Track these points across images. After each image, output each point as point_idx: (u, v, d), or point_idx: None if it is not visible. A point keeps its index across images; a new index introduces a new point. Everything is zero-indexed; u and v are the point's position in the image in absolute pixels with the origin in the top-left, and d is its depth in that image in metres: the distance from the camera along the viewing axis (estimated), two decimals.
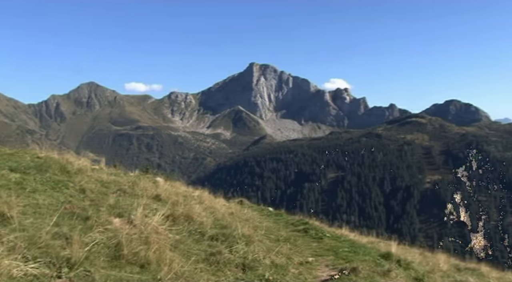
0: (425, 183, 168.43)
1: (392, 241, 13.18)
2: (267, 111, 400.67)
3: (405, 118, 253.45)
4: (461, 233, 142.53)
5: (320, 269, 7.57)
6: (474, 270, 11.03)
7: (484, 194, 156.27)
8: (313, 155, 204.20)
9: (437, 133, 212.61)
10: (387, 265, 7.71)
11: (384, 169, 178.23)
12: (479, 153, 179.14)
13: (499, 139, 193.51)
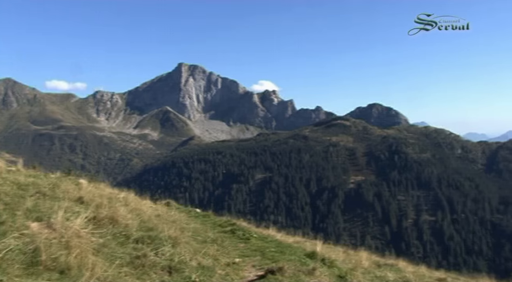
0: (349, 183, 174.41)
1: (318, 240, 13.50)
2: (195, 112, 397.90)
3: (330, 120, 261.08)
4: (382, 231, 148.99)
5: (247, 270, 7.61)
6: (393, 265, 11.55)
7: (403, 194, 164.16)
8: (241, 156, 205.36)
9: (361, 135, 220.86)
10: (312, 264, 7.89)
11: (310, 170, 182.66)
12: (398, 154, 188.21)
13: (416, 142, 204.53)
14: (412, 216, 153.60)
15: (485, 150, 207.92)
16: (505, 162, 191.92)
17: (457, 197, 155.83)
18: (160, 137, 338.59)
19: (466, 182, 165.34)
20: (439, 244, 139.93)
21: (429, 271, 12.75)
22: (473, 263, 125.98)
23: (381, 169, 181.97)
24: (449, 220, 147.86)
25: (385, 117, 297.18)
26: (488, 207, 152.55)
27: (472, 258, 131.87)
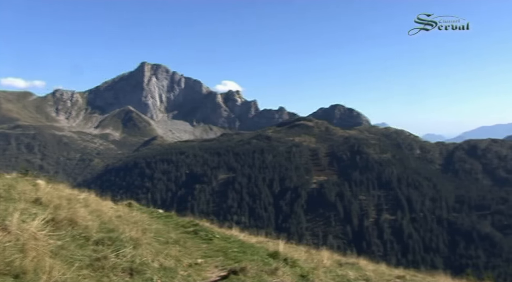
0: (311, 183, 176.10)
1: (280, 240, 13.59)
2: (158, 112, 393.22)
3: (293, 121, 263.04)
4: (344, 231, 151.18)
5: (209, 270, 7.58)
6: (354, 264, 11.75)
7: (364, 193, 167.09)
8: (205, 156, 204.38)
9: (323, 136, 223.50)
10: (275, 264, 7.94)
11: (273, 170, 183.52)
12: (360, 155, 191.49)
13: (377, 142, 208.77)
14: (373, 215, 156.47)
15: (442, 150, 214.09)
16: (460, 162, 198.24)
17: (416, 196, 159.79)
18: (122, 137, 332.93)
19: (424, 182, 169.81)
20: (398, 242, 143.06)
21: (389, 269, 13.02)
22: (430, 260, 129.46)
23: (343, 169, 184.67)
24: (408, 218, 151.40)
25: (347, 118, 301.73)
26: (445, 206, 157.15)
27: (429, 255, 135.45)
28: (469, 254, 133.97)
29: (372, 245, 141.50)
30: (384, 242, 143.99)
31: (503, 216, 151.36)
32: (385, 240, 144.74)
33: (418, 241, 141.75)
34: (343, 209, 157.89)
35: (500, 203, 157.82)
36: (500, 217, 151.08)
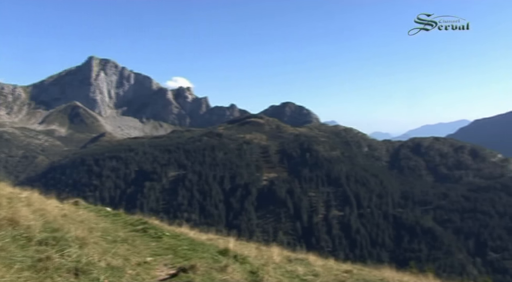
0: (262, 180, 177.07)
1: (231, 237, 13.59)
2: (107, 108, 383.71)
3: (244, 118, 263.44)
4: (294, 227, 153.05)
5: (158, 269, 7.48)
6: (303, 260, 11.91)
7: (313, 190, 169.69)
8: (155, 153, 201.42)
9: (274, 133, 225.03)
10: (225, 261, 7.94)
11: (224, 167, 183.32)
12: (310, 152, 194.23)
13: (326, 140, 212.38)
14: (322, 212, 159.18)
15: (388, 148, 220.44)
16: (405, 159, 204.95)
17: (363, 193, 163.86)
18: (68, 134, 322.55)
19: (371, 178, 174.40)
20: (346, 237, 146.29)
21: (337, 264, 13.27)
22: (377, 254, 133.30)
23: (293, 166, 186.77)
24: (356, 214, 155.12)
25: (297, 116, 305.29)
26: (391, 201, 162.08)
27: (376, 249, 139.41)
28: (413, 248, 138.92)
29: (321, 241, 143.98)
30: (333, 238, 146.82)
31: (444, 210, 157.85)
32: (334, 235, 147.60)
33: (365, 236, 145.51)
34: (293, 205, 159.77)
35: (442, 199, 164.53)
36: (441, 211, 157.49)
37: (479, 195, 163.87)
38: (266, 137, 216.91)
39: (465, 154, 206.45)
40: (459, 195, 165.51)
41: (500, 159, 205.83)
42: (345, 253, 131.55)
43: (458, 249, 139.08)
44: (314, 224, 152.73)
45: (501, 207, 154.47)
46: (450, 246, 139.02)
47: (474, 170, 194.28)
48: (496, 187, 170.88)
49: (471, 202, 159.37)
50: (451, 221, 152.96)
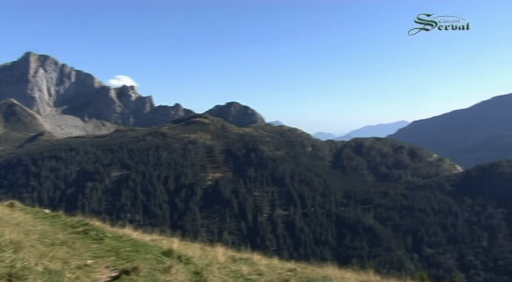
0: (207, 180, 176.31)
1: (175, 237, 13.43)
2: (46, 106, 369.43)
3: (189, 118, 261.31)
4: (239, 227, 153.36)
5: (100, 272, 7.28)
6: (248, 259, 11.94)
7: (258, 190, 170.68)
8: (97, 153, 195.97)
9: (219, 133, 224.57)
10: (168, 262, 7.83)
11: (168, 167, 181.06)
12: (255, 152, 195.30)
13: (271, 140, 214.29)
14: (267, 211, 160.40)
15: (332, 148, 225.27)
16: (348, 159, 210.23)
17: (307, 192, 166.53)
18: (3, 133, 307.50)
19: (315, 178, 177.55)
20: (291, 236, 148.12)
21: (281, 263, 13.41)
22: (320, 252, 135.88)
23: (238, 166, 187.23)
24: (300, 213, 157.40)
25: (242, 116, 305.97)
26: (334, 200, 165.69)
27: (319, 248, 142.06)
28: (355, 245, 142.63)
29: (266, 240, 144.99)
30: (278, 237, 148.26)
31: (383, 209, 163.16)
32: (278, 234, 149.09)
33: (309, 235, 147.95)
34: (238, 205, 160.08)
35: (382, 197, 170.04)
36: (381, 210, 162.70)
37: (416, 193, 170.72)
38: (211, 137, 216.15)
39: (404, 153, 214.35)
40: (398, 194, 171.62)
41: (435, 159, 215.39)
42: (290, 252, 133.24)
43: (397, 245, 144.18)
44: (259, 223, 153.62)
45: (436, 205, 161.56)
46: (389, 243, 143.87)
47: (412, 169, 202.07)
48: (431, 185, 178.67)
49: (409, 200, 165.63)
50: (390, 218, 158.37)
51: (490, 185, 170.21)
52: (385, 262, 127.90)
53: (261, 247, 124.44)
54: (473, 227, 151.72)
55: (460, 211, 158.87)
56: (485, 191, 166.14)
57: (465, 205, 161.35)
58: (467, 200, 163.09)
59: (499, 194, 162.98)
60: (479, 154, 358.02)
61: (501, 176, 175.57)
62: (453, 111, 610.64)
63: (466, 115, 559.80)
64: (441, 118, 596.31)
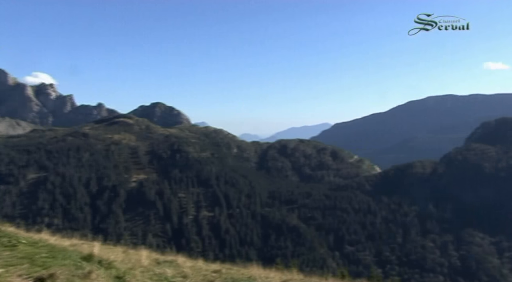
0: (131, 182, 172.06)
1: (96, 241, 12.98)
2: None
3: (113, 118, 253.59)
4: (164, 229, 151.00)
5: (12, 281, 6.84)
6: (172, 262, 11.79)
7: (183, 191, 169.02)
8: (11, 154, 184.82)
9: (144, 134, 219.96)
10: (88, 267, 7.52)
11: (90, 169, 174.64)
12: (180, 153, 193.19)
13: (196, 141, 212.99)
14: (192, 213, 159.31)
15: (257, 149, 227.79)
16: (273, 160, 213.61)
17: (233, 193, 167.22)
18: None
19: (241, 179, 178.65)
20: (216, 237, 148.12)
21: (206, 264, 13.36)
22: (245, 253, 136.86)
23: (163, 167, 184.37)
24: (226, 214, 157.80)
25: (168, 116, 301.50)
26: (259, 201, 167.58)
27: (245, 248, 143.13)
28: (279, 245, 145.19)
29: (191, 242, 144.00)
30: (203, 238, 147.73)
31: (307, 209, 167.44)
32: (204, 236, 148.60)
33: (235, 236, 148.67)
34: (162, 207, 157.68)
35: (305, 197, 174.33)
36: (305, 210, 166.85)
37: (338, 193, 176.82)
38: (135, 138, 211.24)
39: (326, 155, 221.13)
40: (321, 194, 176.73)
41: (356, 160, 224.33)
42: (215, 253, 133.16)
43: (320, 244, 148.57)
44: (184, 225, 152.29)
45: (356, 204, 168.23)
46: (313, 241, 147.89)
47: (334, 170, 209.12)
48: (352, 185, 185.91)
49: (331, 200, 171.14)
50: (314, 218, 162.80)
51: (405, 184, 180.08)
52: (308, 260, 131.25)
53: (186, 249, 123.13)
54: (390, 224, 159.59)
55: (378, 209, 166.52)
56: (401, 190, 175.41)
57: (383, 204, 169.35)
58: (384, 199, 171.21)
59: (413, 193, 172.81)
60: (395, 155, 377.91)
61: (414, 176, 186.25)
62: (372, 115, 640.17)
63: (384, 119, 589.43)
64: (361, 121, 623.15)
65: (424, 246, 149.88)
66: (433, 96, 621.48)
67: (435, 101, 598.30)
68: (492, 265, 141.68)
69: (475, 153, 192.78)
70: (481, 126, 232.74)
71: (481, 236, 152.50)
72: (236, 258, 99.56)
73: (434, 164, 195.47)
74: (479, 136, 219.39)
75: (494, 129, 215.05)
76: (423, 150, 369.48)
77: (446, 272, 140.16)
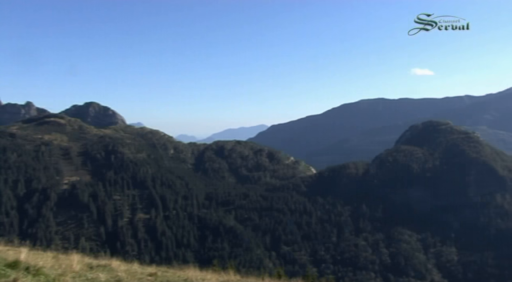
0: (62, 184, 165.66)
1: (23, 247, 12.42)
2: None
3: (43, 117, 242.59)
4: (97, 232, 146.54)
5: None
6: (106, 266, 11.47)
7: (119, 193, 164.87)
8: None
9: (76, 134, 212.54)
10: (14, 274, 7.17)
11: (18, 171, 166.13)
12: (115, 154, 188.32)
13: (132, 142, 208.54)
14: (128, 215, 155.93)
15: (194, 150, 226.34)
16: (210, 161, 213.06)
17: (169, 195, 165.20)
18: None
19: (177, 181, 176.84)
20: (152, 240, 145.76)
21: (142, 268, 13.13)
22: (182, 255, 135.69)
23: (97, 169, 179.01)
24: (162, 217, 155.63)
25: (102, 116, 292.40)
26: (196, 203, 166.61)
27: (181, 250, 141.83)
28: (216, 247, 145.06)
29: (126, 245, 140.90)
30: (139, 241, 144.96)
31: (244, 210, 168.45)
32: (140, 239, 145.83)
33: (171, 238, 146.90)
34: (96, 209, 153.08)
35: (242, 199, 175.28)
36: (242, 211, 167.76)
37: (275, 194, 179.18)
38: (67, 139, 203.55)
39: (263, 156, 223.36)
40: (258, 195, 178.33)
41: (292, 161, 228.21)
42: (151, 256, 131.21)
43: (257, 244, 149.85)
44: (119, 228, 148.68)
45: (292, 205, 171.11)
46: (249, 242, 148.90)
47: (270, 171, 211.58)
48: (288, 186, 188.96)
49: (268, 201, 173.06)
50: (250, 219, 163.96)
51: (339, 185, 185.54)
52: (245, 261, 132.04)
53: (121, 252, 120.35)
54: (324, 224, 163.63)
55: (314, 209, 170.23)
56: (335, 191, 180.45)
57: (318, 204, 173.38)
58: (319, 200, 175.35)
59: (346, 193, 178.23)
60: (330, 156, 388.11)
61: (348, 177, 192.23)
62: (307, 117, 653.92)
63: (319, 121, 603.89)
64: (297, 123, 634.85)
65: (357, 245, 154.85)
66: (365, 100, 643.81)
67: (367, 105, 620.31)
68: (419, 260, 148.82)
69: (404, 154, 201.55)
70: (409, 129, 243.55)
71: (409, 233, 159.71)
72: (172, 260, 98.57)
73: (367, 165, 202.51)
74: (407, 138, 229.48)
75: (421, 132, 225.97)
76: (356, 151, 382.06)
77: (377, 269, 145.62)
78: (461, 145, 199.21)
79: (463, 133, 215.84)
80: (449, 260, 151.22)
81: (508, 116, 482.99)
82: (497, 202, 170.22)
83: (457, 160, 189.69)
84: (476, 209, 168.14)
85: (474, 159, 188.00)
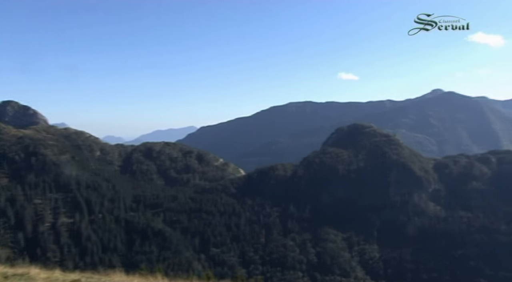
0: None
1: None
2: None
3: None
4: (15, 239, 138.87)
5: None
6: (23, 274, 11.00)
7: (40, 197, 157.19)
8: None
9: None
10: None
11: None
12: (36, 156, 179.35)
13: (55, 143, 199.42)
14: (50, 220, 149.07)
15: (121, 152, 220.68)
16: (137, 163, 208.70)
17: (95, 198, 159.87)
18: None
19: (103, 183, 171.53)
20: (76, 245, 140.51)
21: (64, 274, 12.69)
22: (108, 260, 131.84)
23: (16, 172, 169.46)
24: (87, 220, 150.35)
25: (22, 116, 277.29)
26: (123, 206, 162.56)
27: (108, 255, 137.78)
28: (144, 250, 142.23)
29: (48, 251, 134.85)
30: (61, 247, 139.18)
31: (173, 212, 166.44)
32: (63, 244, 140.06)
33: (97, 242, 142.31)
34: (14, 215, 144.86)
35: (171, 201, 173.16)
36: (170, 213, 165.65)
37: (204, 196, 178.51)
38: None
39: (192, 158, 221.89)
40: (187, 197, 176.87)
41: (221, 163, 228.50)
42: (75, 262, 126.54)
43: (186, 247, 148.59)
44: (40, 233, 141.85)
45: (221, 207, 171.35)
46: (178, 245, 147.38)
47: (200, 173, 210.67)
48: (218, 188, 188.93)
49: (197, 203, 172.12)
50: (179, 221, 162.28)
51: (268, 186, 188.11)
52: (174, 264, 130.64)
53: (42, 259, 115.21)
54: (253, 225, 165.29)
55: (243, 211, 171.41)
56: (264, 192, 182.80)
57: (247, 206, 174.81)
58: (248, 201, 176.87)
59: (275, 194, 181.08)
60: (258, 158, 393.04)
61: (276, 178, 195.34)
62: (237, 119, 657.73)
63: (248, 123, 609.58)
64: (227, 125, 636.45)
65: (285, 245, 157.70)
66: (294, 103, 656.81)
67: (295, 107, 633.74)
68: (344, 259, 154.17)
69: (331, 156, 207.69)
70: (335, 131, 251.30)
71: (334, 233, 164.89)
72: (98, 265, 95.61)
73: (295, 167, 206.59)
74: (334, 141, 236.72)
75: (347, 134, 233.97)
76: (285, 153, 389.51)
77: (304, 269, 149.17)
78: (383, 147, 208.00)
79: (385, 136, 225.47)
80: (372, 257, 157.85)
81: (424, 120, 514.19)
82: (415, 201, 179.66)
83: (380, 161, 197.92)
84: (396, 208, 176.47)
85: (394, 160, 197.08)
